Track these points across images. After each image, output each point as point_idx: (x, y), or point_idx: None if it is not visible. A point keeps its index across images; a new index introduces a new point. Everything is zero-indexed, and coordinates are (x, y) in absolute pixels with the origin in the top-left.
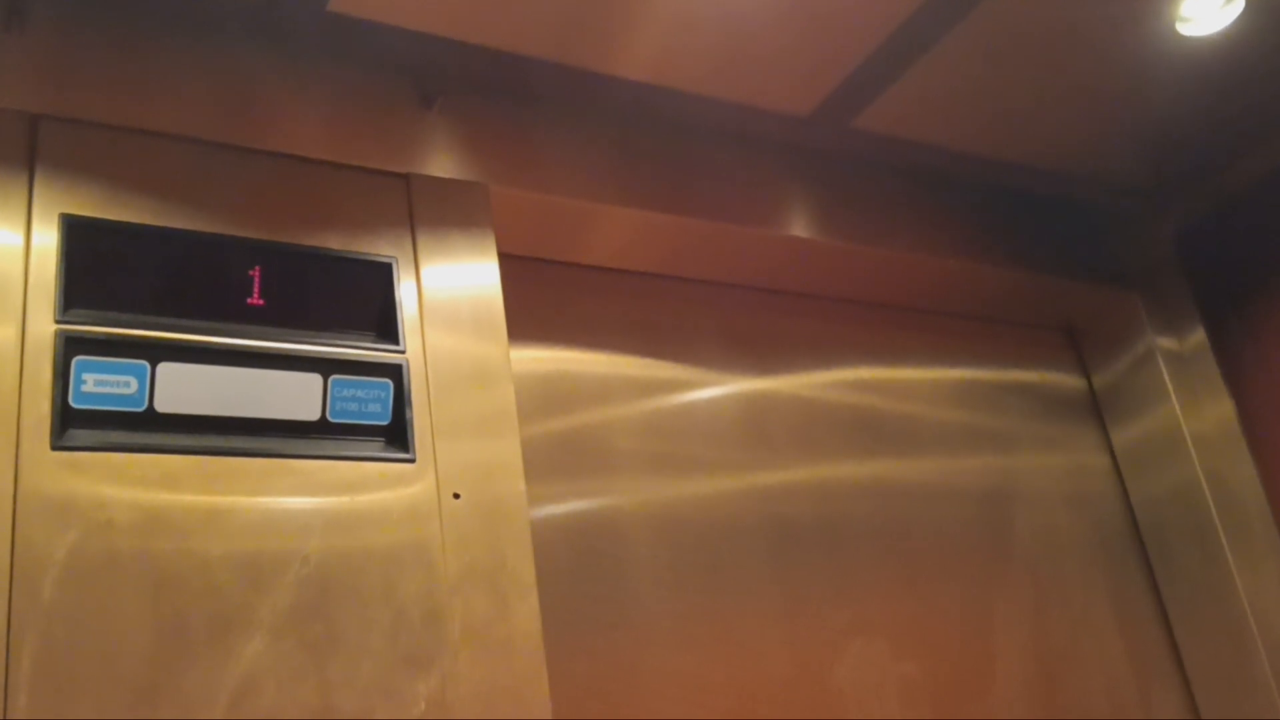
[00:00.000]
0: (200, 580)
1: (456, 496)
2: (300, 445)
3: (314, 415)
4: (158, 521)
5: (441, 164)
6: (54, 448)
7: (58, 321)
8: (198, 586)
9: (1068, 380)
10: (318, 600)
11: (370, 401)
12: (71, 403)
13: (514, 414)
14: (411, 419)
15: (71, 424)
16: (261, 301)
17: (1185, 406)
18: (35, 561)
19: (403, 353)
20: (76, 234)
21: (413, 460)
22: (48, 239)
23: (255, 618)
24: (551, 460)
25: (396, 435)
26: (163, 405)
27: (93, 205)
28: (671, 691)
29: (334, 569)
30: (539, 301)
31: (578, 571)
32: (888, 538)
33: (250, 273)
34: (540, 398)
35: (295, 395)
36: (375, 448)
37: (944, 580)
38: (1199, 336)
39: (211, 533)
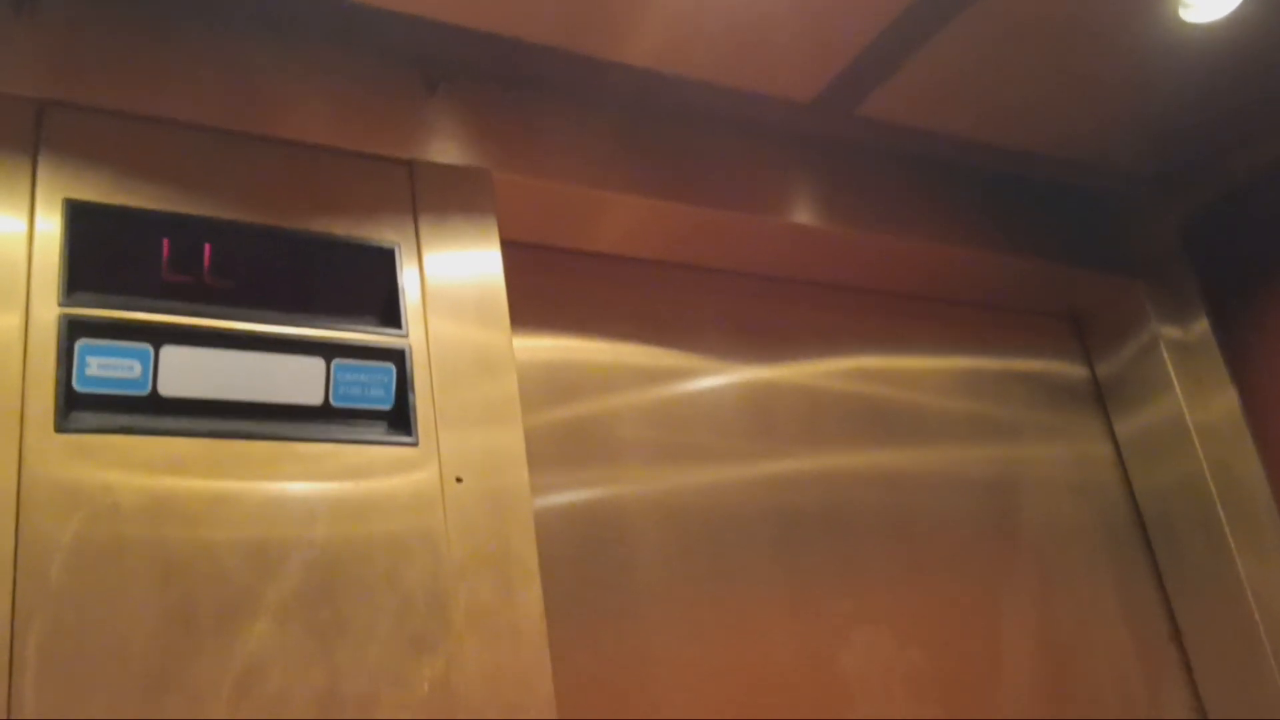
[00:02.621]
0: (206, 564)
1: (459, 481)
2: (304, 429)
3: (317, 400)
4: (163, 505)
5: (445, 150)
6: (58, 431)
7: (61, 305)
8: (204, 570)
9: (1072, 369)
10: (324, 585)
11: (373, 386)
12: (75, 386)
13: (517, 400)
14: (415, 404)
15: (75, 407)
16: (264, 286)
17: (1189, 396)
18: (41, 545)
19: (406, 338)
20: (80, 219)
21: (416, 445)
22: (51, 224)
23: (262, 602)
24: (555, 448)
25: (400, 420)
26: (166, 389)
27: (97, 190)
28: (676, 678)
29: (339, 553)
30: (542, 288)
31: (582, 559)
32: (893, 526)
33: (253, 258)
34: (544, 385)
35: (298, 380)
36: (378, 432)
37: (949, 569)
38: (1203, 326)
39: (217, 517)
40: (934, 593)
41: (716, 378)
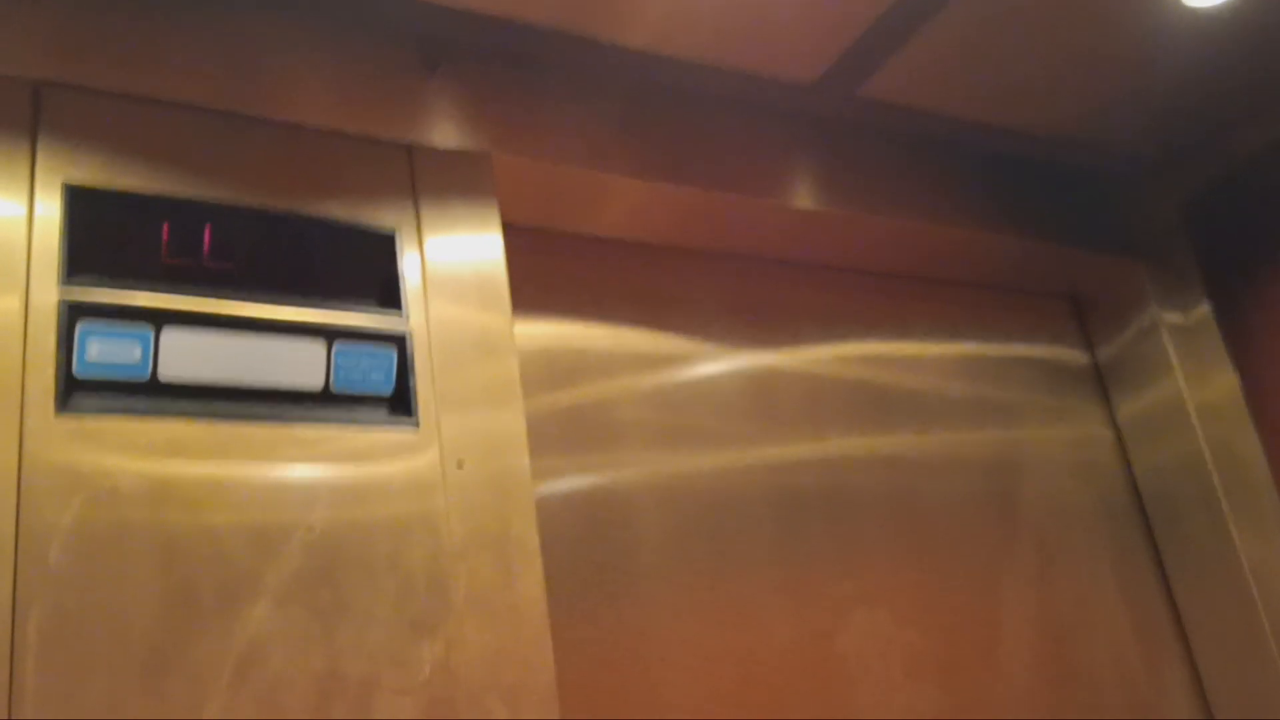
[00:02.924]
0: (207, 547)
1: (460, 465)
2: (304, 413)
3: (318, 384)
4: (163, 488)
5: (444, 133)
6: (58, 415)
7: (61, 289)
8: (205, 553)
9: (1072, 351)
10: (324, 567)
11: (374, 370)
12: (75, 371)
13: (518, 384)
14: (415, 388)
15: (75, 391)
16: (265, 270)
17: (1190, 378)
18: (41, 529)
19: (406, 322)
20: (80, 202)
21: (416, 428)
22: (51, 207)
23: (262, 585)
24: (556, 432)
25: (400, 404)
26: (167, 372)
27: (96, 173)
28: (676, 658)
29: (340, 536)
30: (543, 272)
31: (583, 543)
32: (893, 509)
33: (253, 241)
34: (545, 369)
35: (299, 363)
36: (379, 416)
37: (949, 551)
38: (1204, 307)
39: (217, 500)
40: (933, 574)
41: (717, 361)
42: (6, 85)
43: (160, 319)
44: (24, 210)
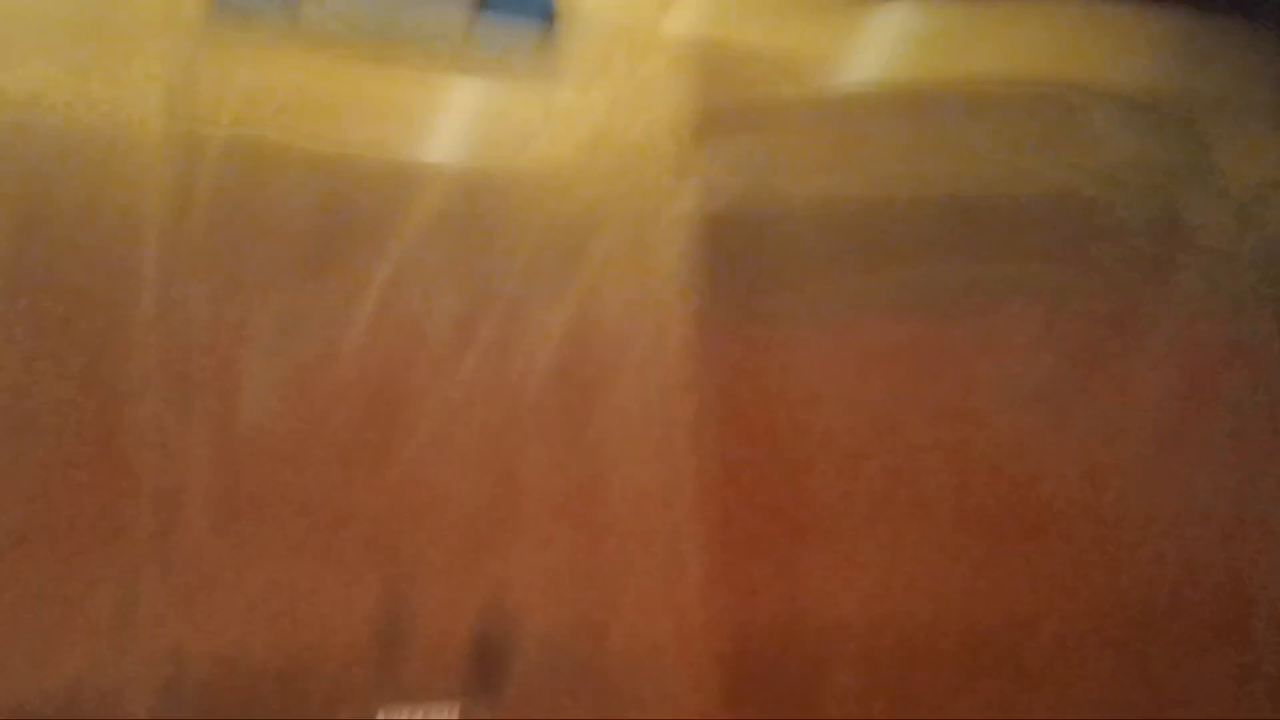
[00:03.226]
0: (354, 177)
1: (608, 123)
2: (452, 54)
3: (467, 23)
4: (311, 115)
5: None
6: (211, 31)
7: None
8: (351, 183)
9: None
10: (466, 208)
11: (526, 18)
12: None
13: (674, 41)
14: (568, 34)
15: (224, 15)
16: None
17: None
18: (195, 145)
19: None
20: None
21: (564, 80)
22: None
23: (405, 220)
24: (708, 124)
25: (550, 53)
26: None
27: None
28: (816, 380)
29: (482, 179)
30: None
31: (730, 251)
32: (1063, 234)
33: None
34: (703, 57)
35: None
36: (528, 65)
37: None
38: None
39: (361, 132)
40: (1090, 294)
41: (887, 70)
42: None
43: None
44: None
